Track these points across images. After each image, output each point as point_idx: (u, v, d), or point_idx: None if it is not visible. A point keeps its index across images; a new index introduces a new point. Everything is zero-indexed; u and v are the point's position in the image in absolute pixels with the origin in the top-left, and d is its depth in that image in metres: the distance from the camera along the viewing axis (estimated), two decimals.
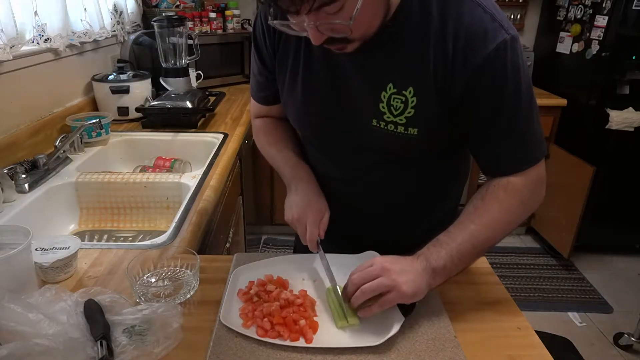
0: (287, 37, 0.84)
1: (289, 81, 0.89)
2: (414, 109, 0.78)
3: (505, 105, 0.74)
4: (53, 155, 1.33)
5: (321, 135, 0.93)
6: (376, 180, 0.93)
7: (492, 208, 0.78)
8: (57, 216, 1.27)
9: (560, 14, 2.74)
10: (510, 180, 0.79)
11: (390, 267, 0.72)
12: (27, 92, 1.45)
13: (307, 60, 0.85)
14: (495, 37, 0.70)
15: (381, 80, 0.79)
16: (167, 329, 0.71)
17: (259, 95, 1.01)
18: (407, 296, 0.71)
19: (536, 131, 0.78)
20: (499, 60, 0.71)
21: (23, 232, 0.80)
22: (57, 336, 0.64)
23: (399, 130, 0.80)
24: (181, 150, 1.67)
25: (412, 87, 0.77)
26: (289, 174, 0.96)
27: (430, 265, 0.74)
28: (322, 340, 0.72)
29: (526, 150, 0.78)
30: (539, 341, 0.75)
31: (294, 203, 0.91)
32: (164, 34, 1.98)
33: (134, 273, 0.82)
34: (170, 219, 1.21)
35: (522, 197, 0.79)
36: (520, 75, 0.73)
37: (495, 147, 0.79)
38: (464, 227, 0.77)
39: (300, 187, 0.92)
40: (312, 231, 0.86)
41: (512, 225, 0.80)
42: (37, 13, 1.48)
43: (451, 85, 0.75)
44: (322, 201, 0.91)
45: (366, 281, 0.71)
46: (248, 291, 0.81)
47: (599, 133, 2.47)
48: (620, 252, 2.83)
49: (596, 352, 2.12)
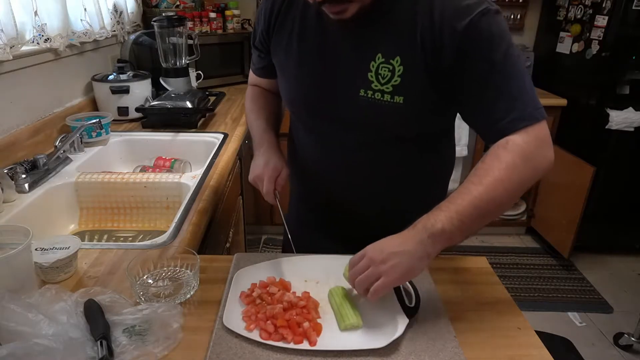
0: (283, 23, 0.93)
1: (283, 62, 0.96)
2: (400, 77, 0.82)
3: (496, 66, 0.76)
4: (53, 155, 1.33)
5: (311, 110, 0.97)
6: (362, 163, 0.97)
7: (493, 167, 0.75)
8: (57, 216, 1.27)
9: (560, 14, 2.74)
10: (509, 138, 0.77)
11: (375, 256, 0.73)
12: (27, 92, 1.45)
13: (301, 37, 0.91)
14: (479, 5, 0.75)
15: (371, 51, 0.84)
16: (167, 329, 0.71)
17: (255, 67, 1.13)
18: (396, 280, 0.72)
19: (530, 94, 0.78)
20: (484, 22, 0.75)
21: (23, 232, 0.80)
22: (57, 336, 0.64)
23: (385, 99, 0.84)
24: (181, 150, 1.67)
25: (399, 57, 0.81)
26: (257, 140, 1.05)
27: (427, 231, 0.72)
28: (326, 343, 0.72)
29: (522, 111, 0.77)
30: (539, 341, 0.75)
31: (255, 165, 1.01)
32: (164, 34, 1.98)
33: (134, 273, 0.82)
34: (170, 219, 1.21)
35: (525, 152, 0.75)
36: (507, 40, 0.77)
37: (490, 110, 0.79)
38: (464, 189, 0.75)
39: (262, 151, 1.01)
40: (268, 186, 0.96)
41: (519, 185, 0.76)
42: (37, 13, 1.48)
43: (441, 54, 0.78)
44: (280, 160, 1.00)
45: (358, 274, 0.74)
46: (250, 293, 0.81)
47: (599, 133, 2.47)
48: (620, 252, 2.83)
49: (596, 352, 2.12)
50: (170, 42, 2.00)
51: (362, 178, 0.99)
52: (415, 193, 1.00)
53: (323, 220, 1.13)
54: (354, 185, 1.01)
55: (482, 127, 0.83)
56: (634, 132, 2.44)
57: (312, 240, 1.10)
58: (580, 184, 2.50)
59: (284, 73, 0.98)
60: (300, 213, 1.20)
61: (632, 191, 2.60)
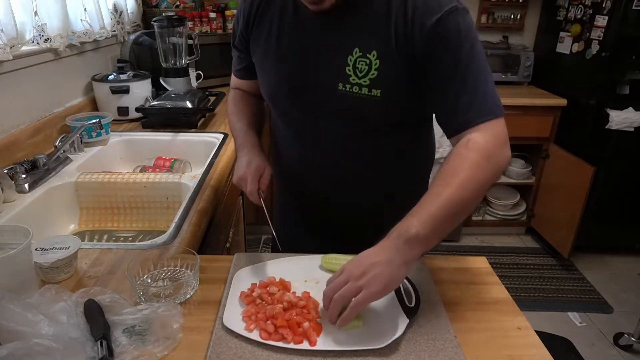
0: (262, 20, 0.95)
1: (262, 58, 0.97)
2: (377, 70, 0.84)
3: (461, 61, 0.80)
4: (53, 155, 1.33)
5: (290, 104, 0.98)
6: (343, 154, 0.98)
7: (457, 167, 0.77)
8: (57, 216, 1.27)
9: (560, 14, 2.74)
10: (470, 137, 0.80)
11: (353, 269, 0.71)
12: (27, 92, 1.45)
13: (279, 33, 0.93)
14: (448, 3, 0.79)
15: (348, 45, 0.86)
16: (167, 329, 0.71)
17: (235, 69, 1.15)
18: (378, 293, 0.70)
19: (491, 91, 0.82)
20: (452, 20, 0.78)
21: (23, 232, 0.80)
22: (57, 336, 0.64)
23: (363, 92, 0.86)
24: (181, 150, 1.67)
25: (376, 51, 0.84)
26: (239, 142, 1.06)
27: (401, 238, 0.72)
28: (326, 343, 0.72)
29: (482, 105, 0.81)
30: (539, 341, 0.75)
31: (238, 166, 1.01)
32: (164, 34, 1.98)
33: (134, 273, 0.82)
34: (170, 219, 1.21)
35: (486, 152, 0.78)
36: (472, 37, 0.80)
37: (452, 102, 0.83)
38: (433, 192, 0.76)
39: (245, 152, 1.02)
40: (251, 186, 0.95)
41: (484, 184, 0.78)
42: (37, 13, 1.48)
43: (413, 46, 0.81)
44: (263, 160, 1.00)
45: (335, 291, 0.71)
46: (250, 293, 0.81)
47: (599, 133, 2.47)
48: (620, 252, 2.83)
49: (596, 352, 2.12)
50: (170, 42, 2.00)
51: (345, 169, 1.00)
52: (401, 180, 1.03)
53: (308, 217, 1.14)
54: (337, 177, 1.02)
55: (444, 119, 0.87)
56: (634, 132, 2.44)
57: (299, 237, 1.12)
58: (580, 184, 2.50)
59: (263, 69, 0.99)
60: (286, 212, 1.21)
61: (632, 191, 2.60)
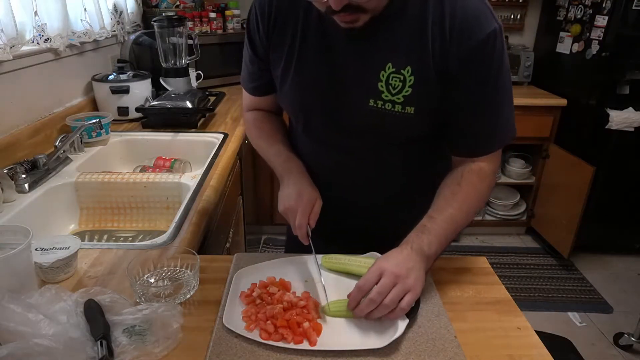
0: (283, 25, 0.88)
1: (284, 68, 0.90)
2: (412, 87, 0.81)
3: (490, 84, 0.81)
4: (53, 155, 1.33)
5: (316, 121, 0.94)
6: (368, 168, 0.96)
7: (469, 194, 0.86)
8: (57, 216, 1.27)
9: (560, 14, 2.74)
10: (481, 166, 0.87)
11: (399, 272, 0.74)
12: (27, 92, 1.45)
13: (302, 46, 0.87)
14: (489, 23, 0.76)
15: (380, 60, 0.82)
16: (167, 329, 0.71)
17: (250, 86, 1.03)
18: (418, 294, 0.75)
19: (511, 120, 0.87)
20: (490, 45, 0.77)
21: (23, 232, 0.80)
22: (57, 336, 0.64)
23: (396, 109, 0.83)
24: (181, 150, 1.67)
25: (410, 67, 0.80)
26: (281, 167, 0.98)
27: (424, 253, 0.78)
28: (326, 343, 0.72)
29: (500, 134, 0.87)
30: (539, 341, 0.75)
31: (286, 194, 0.93)
32: (164, 34, 1.99)
33: (134, 273, 0.82)
34: (170, 219, 1.21)
35: (491, 182, 0.89)
36: (506, 65, 0.81)
37: (473, 126, 0.85)
38: (445, 212, 0.83)
39: (292, 180, 0.94)
40: (302, 220, 0.88)
41: (481, 206, 0.90)
42: (37, 13, 1.48)
43: (447, 61, 0.79)
44: (314, 192, 0.93)
45: (384, 295, 0.72)
46: (250, 294, 0.81)
47: (599, 133, 2.47)
48: (620, 252, 2.83)
49: (596, 352, 2.12)
50: (170, 42, 2.01)
51: (369, 180, 0.98)
52: (422, 189, 0.99)
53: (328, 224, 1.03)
54: (359, 186, 0.99)
55: (457, 138, 0.89)
56: (634, 132, 2.44)
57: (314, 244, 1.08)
58: (580, 184, 2.50)
59: (285, 79, 0.91)
60: None
61: (632, 191, 2.60)
